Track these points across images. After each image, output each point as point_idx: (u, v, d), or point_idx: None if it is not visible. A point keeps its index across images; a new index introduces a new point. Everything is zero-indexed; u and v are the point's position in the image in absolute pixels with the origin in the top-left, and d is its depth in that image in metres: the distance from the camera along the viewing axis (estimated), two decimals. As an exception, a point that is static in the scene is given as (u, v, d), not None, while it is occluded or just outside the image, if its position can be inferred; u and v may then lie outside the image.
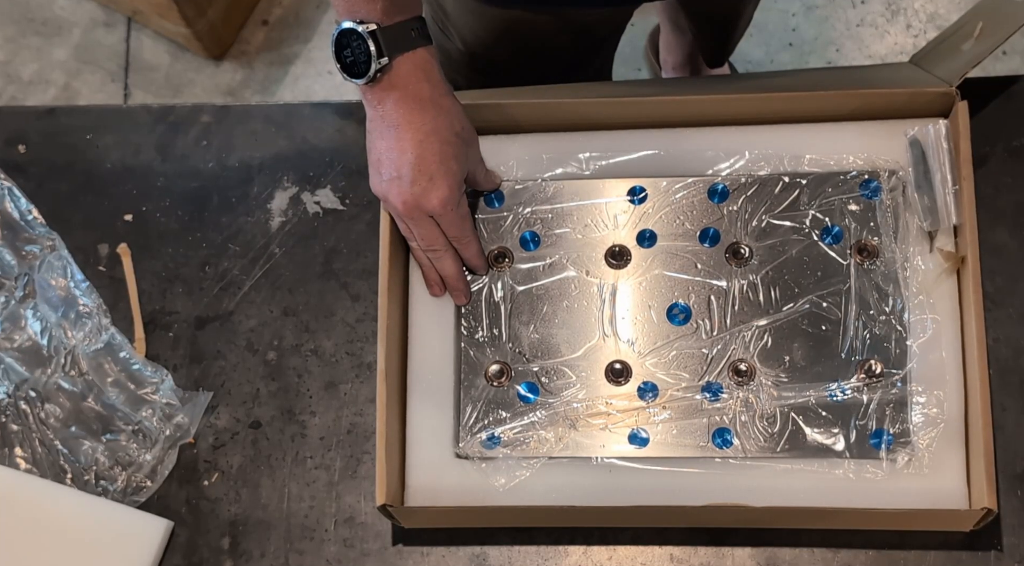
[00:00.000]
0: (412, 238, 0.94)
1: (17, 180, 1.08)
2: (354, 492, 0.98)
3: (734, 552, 0.94)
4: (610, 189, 0.98)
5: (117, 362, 1.02)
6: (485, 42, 1.11)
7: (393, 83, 0.87)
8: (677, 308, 0.96)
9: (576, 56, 1.16)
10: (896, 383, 0.92)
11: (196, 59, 2.00)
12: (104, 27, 2.03)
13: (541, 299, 0.97)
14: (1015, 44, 1.82)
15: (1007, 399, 0.95)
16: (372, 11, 0.86)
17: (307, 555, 0.97)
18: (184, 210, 1.07)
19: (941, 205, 0.94)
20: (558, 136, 1.00)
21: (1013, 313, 0.97)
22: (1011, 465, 0.94)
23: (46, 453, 1.00)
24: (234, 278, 1.05)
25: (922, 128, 0.96)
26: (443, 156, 0.89)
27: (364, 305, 1.03)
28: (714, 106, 0.97)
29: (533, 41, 1.10)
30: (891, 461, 0.91)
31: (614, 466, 0.93)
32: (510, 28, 1.08)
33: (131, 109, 1.12)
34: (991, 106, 1.01)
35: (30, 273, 1.05)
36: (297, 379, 1.01)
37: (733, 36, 1.58)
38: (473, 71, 1.16)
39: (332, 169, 1.07)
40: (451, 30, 1.12)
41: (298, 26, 2.02)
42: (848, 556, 0.93)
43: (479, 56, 1.13)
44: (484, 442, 0.94)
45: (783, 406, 0.93)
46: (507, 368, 0.96)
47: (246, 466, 0.99)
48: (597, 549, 0.95)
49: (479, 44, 1.11)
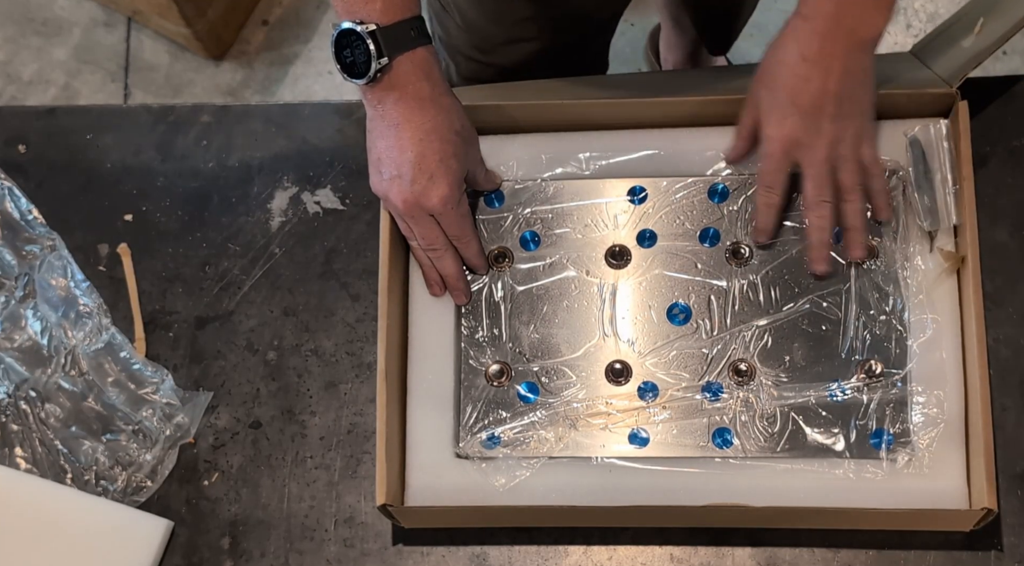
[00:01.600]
0: (412, 237, 0.94)
1: (17, 180, 1.08)
2: (354, 492, 0.98)
3: (734, 552, 0.94)
4: (610, 189, 0.98)
5: (117, 362, 1.02)
6: (484, 19, 1.11)
7: (393, 83, 0.87)
8: (677, 308, 0.96)
9: (573, 41, 1.16)
10: (896, 383, 0.92)
11: (196, 59, 2.00)
12: (104, 27, 2.03)
13: (541, 299, 0.97)
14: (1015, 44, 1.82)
15: (1007, 399, 0.95)
16: (371, 11, 0.86)
17: (307, 555, 0.97)
18: (184, 210, 1.07)
19: (941, 205, 0.94)
20: (558, 136, 1.00)
21: (1013, 313, 0.97)
22: (1011, 465, 0.94)
23: (46, 453, 1.00)
24: (234, 278, 1.05)
25: (922, 128, 0.96)
26: (443, 155, 0.89)
27: (364, 305, 1.03)
28: (714, 106, 0.97)
29: (531, 23, 1.10)
30: (891, 461, 0.91)
31: (614, 466, 0.93)
32: (509, 7, 1.08)
33: (131, 109, 1.12)
34: (991, 106, 1.01)
35: (30, 273, 1.04)
36: (297, 379, 1.01)
37: (737, 20, 1.58)
38: (471, 49, 1.16)
39: (332, 169, 1.07)
40: (451, 6, 1.12)
41: (298, 26, 2.02)
42: (848, 556, 0.93)
43: (477, 33, 1.13)
44: (484, 442, 0.94)
45: (783, 406, 0.93)
46: (507, 368, 0.96)
47: (246, 466, 0.99)
48: (597, 549, 0.95)
49: (478, 21, 1.12)
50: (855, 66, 0.87)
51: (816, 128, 0.88)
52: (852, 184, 0.91)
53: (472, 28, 1.13)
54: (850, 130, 0.89)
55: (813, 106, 0.87)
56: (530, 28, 1.12)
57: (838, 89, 0.87)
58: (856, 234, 0.93)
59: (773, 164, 0.90)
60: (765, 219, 0.94)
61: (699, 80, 1.15)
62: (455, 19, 1.13)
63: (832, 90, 0.86)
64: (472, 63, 1.18)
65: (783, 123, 0.88)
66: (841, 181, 0.91)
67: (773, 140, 0.89)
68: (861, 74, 0.88)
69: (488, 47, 1.15)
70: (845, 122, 0.88)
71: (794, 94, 0.87)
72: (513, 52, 1.15)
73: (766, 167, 0.91)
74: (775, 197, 0.92)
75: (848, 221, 0.92)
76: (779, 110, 0.88)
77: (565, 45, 1.16)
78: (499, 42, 1.14)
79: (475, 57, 1.17)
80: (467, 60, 1.18)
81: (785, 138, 0.88)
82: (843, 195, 0.91)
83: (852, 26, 0.85)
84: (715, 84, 1.04)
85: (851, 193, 0.91)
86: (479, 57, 1.16)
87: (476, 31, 1.13)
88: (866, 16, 0.85)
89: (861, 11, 0.85)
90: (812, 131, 0.88)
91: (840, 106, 0.87)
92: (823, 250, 0.93)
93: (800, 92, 0.87)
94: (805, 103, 0.87)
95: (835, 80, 0.86)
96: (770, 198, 0.92)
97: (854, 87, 0.87)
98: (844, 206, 0.92)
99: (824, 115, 0.87)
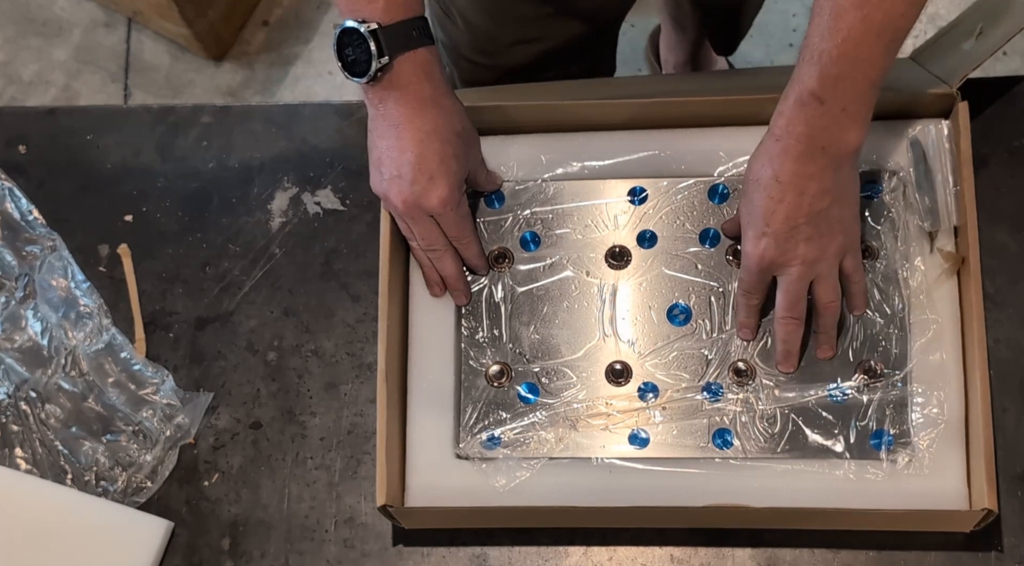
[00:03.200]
0: (412, 238, 0.94)
1: (18, 181, 1.08)
2: (354, 493, 0.98)
3: (734, 553, 0.94)
4: (610, 190, 0.98)
5: (118, 362, 1.02)
6: (486, 21, 1.11)
7: (394, 83, 0.87)
8: (677, 309, 0.96)
9: (576, 43, 1.16)
10: (896, 383, 0.92)
11: (196, 59, 2.01)
12: (104, 28, 2.03)
13: (541, 300, 0.97)
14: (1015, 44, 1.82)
15: (1007, 400, 0.95)
16: (373, 10, 0.86)
17: (307, 556, 0.97)
18: (184, 211, 1.07)
19: (942, 206, 0.94)
20: (558, 137, 1.00)
21: (1013, 314, 0.97)
22: (1011, 466, 0.94)
23: (46, 454, 1.00)
24: (234, 279, 1.05)
25: (923, 129, 0.96)
26: (443, 156, 0.89)
27: (364, 306, 1.03)
28: (714, 106, 0.97)
29: (532, 25, 1.10)
30: (891, 462, 0.91)
31: (614, 466, 0.93)
32: (511, 8, 1.08)
33: (131, 110, 1.12)
34: (992, 107, 1.01)
35: (31, 273, 1.05)
36: (297, 380, 1.01)
37: (743, 21, 1.57)
38: (473, 52, 1.16)
39: (332, 169, 1.07)
40: (453, 10, 1.12)
41: (298, 27, 2.02)
42: (848, 557, 0.93)
43: (479, 36, 1.13)
44: (484, 443, 0.94)
45: (783, 407, 0.93)
46: (507, 369, 0.96)
47: (246, 467, 0.99)
48: (597, 549, 0.95)
49: (480, 23, 1.11)
50: (831, 183, 0.84)
51: (792, 248, 0.86)
52: (827, 302, 0.90)
53: (474, 31, 1.13)
54: (830, 249, 0.87)
55: (786, 228, 0.85)
56: (532, 30, 1.12)
57: (812, 209, 0.84)
58: (825, 339, 0.92)
59: (752, 277, 0.90)
60: (746, 317, 0.93)
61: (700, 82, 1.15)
62: (457, 22, 1.13)
63: (806, 211, 0.84)
64: (474, 66, 1.18)
65: (758, 243, 0.87)
66: (817, 297, 0.90)
67: (750, 257, 0.88)
68: (840, 190, 0.86)
69: (490, 50, 1.15)
70: (824, 241, 0.86)
71: (767, 215, 0.85)
72: (515, 55, 1.15)
73: (744, 277, 0.90)
74: (755, 300, 0.92)
75: (820, 328, 0.92)
76: (755, 229, 0.87)
77: (568, 48, 1.16)
78: (501, 45, 1.14)
79: (477, 60, 1.17)
80: (469, 63, 1.18)
81: (761, 258, 0.87)
82: (819, 310, 0.91)
83: (825, 145, 0.83)
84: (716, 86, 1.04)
85: (826, 310, 0.90)
86: (481, 60, 1.16)
87: (478, 34, 1.13)
88: (839, 133, 0.83)
89: (834, 129, 0.82)
90: (788, 251, 0.86)
91: (817, 227, 0.85)
92: (790, 358, 0.92)
93: (773, 212, 0.85)
94: (778, 224, 0.85)
95: (809, 201, 0.84)
96: (750, 300, 0.92)
97: (831, 205, 0.85)
98: (818, 319, 0.91)
99: (798, 237, 0.85)
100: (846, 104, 0.82)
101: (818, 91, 0.81)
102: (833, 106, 0.81)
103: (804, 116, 0.82)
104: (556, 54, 1.15)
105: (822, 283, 0.89)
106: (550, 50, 1.14)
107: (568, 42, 1.15)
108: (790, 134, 0.83)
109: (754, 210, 0.86)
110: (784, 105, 0.84)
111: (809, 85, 0.81)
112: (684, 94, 0.98)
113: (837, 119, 0.82)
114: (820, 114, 0.82)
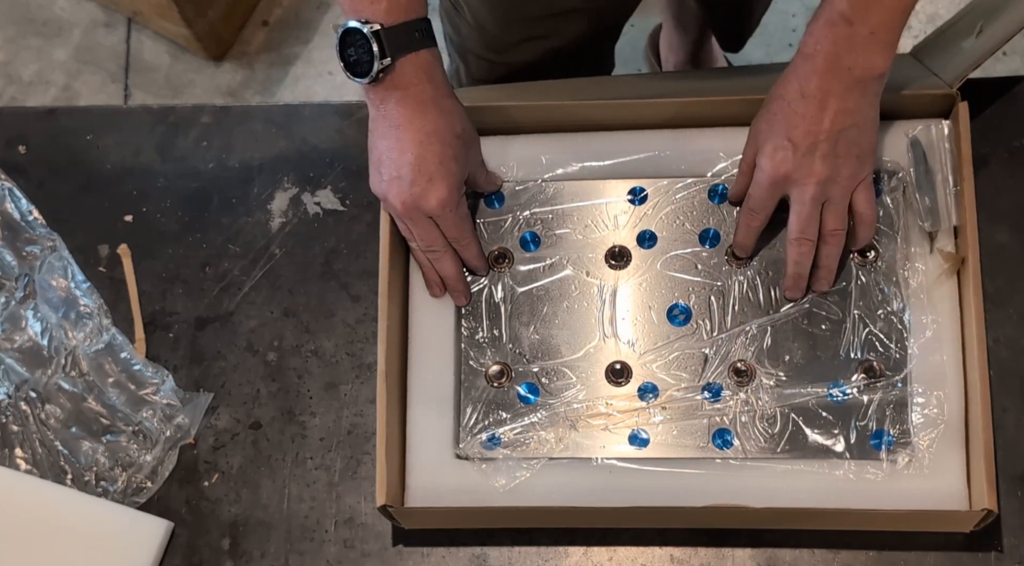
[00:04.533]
0: (412, 239, 0.95)
1: (18, 181, 1.08)
2: (354, 493, 0.98)
3: (734, 553, 0.94)
4: (610, 190, 0.98)
5: (118, 363, 1.02)
6: (495, 18, 1.11)
7: (395, 83, 0.87)
8: (677, 309, 0.96)
9: (584, 40, 1.16)
10: (896, 384, 0.92)
11: (196, 60, 2.01)
12: (104, 28, 2.03)
13: (541, 300, 0.97)
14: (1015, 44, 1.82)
15: (1007, 400, 0.95)
16: (376, 11, 0.86)
17: (307, 556, 0.97)
18: (184, 211, 1.07)
19: (942, 206, 0.95)
20: (558, 137, 1.00)
21: (1013, 314, 0.97)
22: (1011, 466, 0.94)
23: (46, 454, 1.00)
24: (234, 279, 1.05)
25: (923, 129, 0.96)
26: (443, 157, 0.89)
27: (364, 306, 1.03)
28: (714, 106, 0.97)
29: (541, 22, 1.11)
30: (891, 462, 0.91)
31: (614, 467, 0.93)
32: (520, 6, 1.08)
33: (131, 110, 1.12)
34: (992, 107, 1.01)
35: (31, 274, 1.05)
36: (297, 380, 1.01)
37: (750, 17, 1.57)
38: (482, 48, 1.16)
39: (332, 170, 1.07)
40: (462, 5, 1.12)
41: (298, 27, 2.02)
42: (848, 557, 0.93)
43: (488, 32, 1.13)
44: (484, 443, 0.94)
45: (783, 407, 0.93)
46: (507, 369, 0.96)
47: (246, 467, 0.99)
48: (597, 550, 0.95)
49: (489, 20, 1.12)
50: (853, 106, 0.86)
51: (808, 164, 0.87)
52: (834, 228, 0.90)
53: (483, 27, 1.13)
54: (844, 172, 0.88)
55: (806, 142, 0.86)
56: (539, 28, 1.12)
57: (833, 128, 0.86)
58: (825, 273, 0.93)
59: (761, 192, 0.90)
60: (744, 237, 0.94)
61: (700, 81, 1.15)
62: (466, 18, 1.13)
63: (827, 128, 0.86)
64: (483, 63, 1.18)
65: (775, 155, 0.88)
66: (824, 222, 0.90)
67: (764, 170, 0.89)
68: (861, 114, 0.87)
69: (499, 46, 1.15)
70: (839, 162, 0.87)
71: (789, 128, 0.87)
72: (524, 51, 1.15)
73: (754, 193, 0.91)
74: (758, 220, 0.92)
75: (820, 261, 0.92)
76: (773, 142, 0.88)
77: (576, 44, 1.16)
78: (510, 41, 1.14)
79: (486, 56, 1.17)
80: (478, 59, 1.18)
81: (776, 170, 0.88)
82: (823, 236, 0.91)
83: (850, 65, 0.85)
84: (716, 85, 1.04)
85: (831, 236, 0.91)
86: (490, 56, 1.17)
87: (487, 30, 1.13)
88: (865, 56, 0.84)
89: (861, 51, 0.84)
90: (803, 167, 0.87)
91: (835, 146, 0.87)
92: (799, 282, 0.93)
93: (795, 126, 0.86)
94: (799, 138, 0.86)
95: (830, 118, 0.86)
96: (752, 220, 0.92)
97: (851, 127, 0.87)
98: (822, 246, 0.91)
99: (817, 152, 0.87)
100: (874, 28, 0.83)
101: (848, 13, 0.83)
102: (861, 28, 0.83)
103: (832, 36, 0.84)
104: (563, 52, 1.15)
105: (831, 208, 0.89)
106: (557, 48, 1.15)
107: (575, 40, 1.15)
108: (818, 53, 0.85)
109: (776, 124, 0.88)
110: (814, 25, 0.86)
111: (839, 7, 0.83)
112: (684, 94, 0.98)
113: (865, 42, 0.84)
114: (848, 35, 0.84)
